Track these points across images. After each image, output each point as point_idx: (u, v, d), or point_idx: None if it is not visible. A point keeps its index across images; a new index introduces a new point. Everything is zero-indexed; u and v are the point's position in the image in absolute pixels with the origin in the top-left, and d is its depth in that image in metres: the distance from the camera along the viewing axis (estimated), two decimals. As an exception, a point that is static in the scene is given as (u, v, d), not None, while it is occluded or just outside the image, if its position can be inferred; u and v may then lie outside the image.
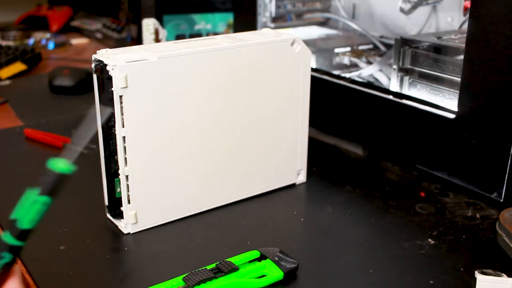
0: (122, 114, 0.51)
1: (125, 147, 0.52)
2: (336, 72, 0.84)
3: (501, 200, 0.60)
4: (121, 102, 0.51)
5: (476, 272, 0.49)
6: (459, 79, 0.63)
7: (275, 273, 0.48)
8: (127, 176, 0.53)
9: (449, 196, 0.65)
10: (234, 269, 0.47)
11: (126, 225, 0.56)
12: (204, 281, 0.46)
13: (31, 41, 1.48)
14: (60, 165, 0.35)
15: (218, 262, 0.48)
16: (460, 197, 0.65)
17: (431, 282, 0.49)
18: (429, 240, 0.56)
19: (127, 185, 0.54)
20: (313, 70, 0.85)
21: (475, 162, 0.62)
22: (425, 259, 0.53)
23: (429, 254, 0.54)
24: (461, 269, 0.51)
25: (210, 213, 0.62)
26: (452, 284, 0.49)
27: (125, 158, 0.53)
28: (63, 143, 0.78)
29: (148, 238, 0.56)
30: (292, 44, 0.61)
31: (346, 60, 0.89)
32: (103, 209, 0.59)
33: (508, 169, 0.59)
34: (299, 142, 0.65)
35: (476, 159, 0.62)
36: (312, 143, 0.82)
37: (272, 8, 0.98)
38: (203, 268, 0.47)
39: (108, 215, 0.58)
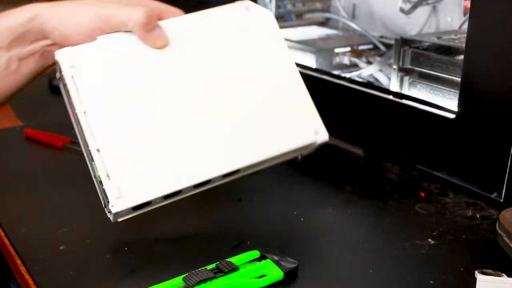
0: (77, 91, 0.51)
1: (89, 124, 0.51)
2: (336, 72, 0.84)
3: (501, 200, 0.60)
4: (74, 83, 0.51)
5: (476, 272, 0.49)
6: (459, 79, 0.63)
7: (275, 273, 0.48)
8: (98, 151, 0.50)
9: (449, 196, 0.65)
10: (234, 269, 0.47)
11: (112, 204, 0.50)
12: (204, 281, 0.46)
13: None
14: None
15: (218, 262, 0.48)
16: (460, 197, 0.65)
17: (431, 282, 0.49)
18: (429, 240, 0.56)
19: (102, 161, 0.50)
20: (313, 70, 0.85)
21: (475, 162, 0.62)
22: (425, 259, 0.53)
23: (429, 254, 0.54)
24: (461, 269, 0.51)
25: (209, 212, 0.62)
26: (452, 284, 0.49)
27: (93, 135, 0.51)
28: (63, 143, 0.78)
29: (148, 238, 0.56)
30: (247, 9, 0.58)
31: (346, 60, 0.89)
32: (102, 209, 0.59)
33: (508, 169, 0.58)
34: (296, 98, 0.60)
35: (476, 159, 0.62)
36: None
37: (272, 8, 0.98)
38: (203, 268, 0.47)
39: (106, 212, 0.55)
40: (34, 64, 0.56)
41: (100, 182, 0.51)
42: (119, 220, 0.52)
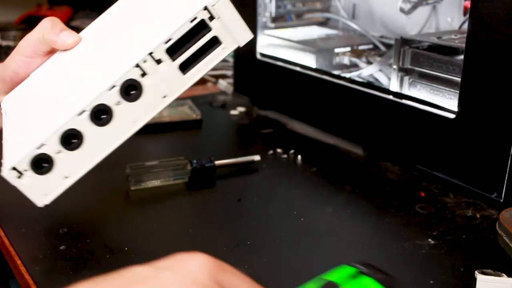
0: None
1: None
2: (336, 72, 0.84)
3: (501, 200, 0.60)
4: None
5: (476, 272, 0.49)
6: (459, 79, 0.63)
7: None
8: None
9: (449, 196, 0.65)
10: None
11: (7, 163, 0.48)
12: None
13: (31, 41, 1.48)
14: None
15: (319, 282, 0.42)
16: (460, 197, 0.65)
17: (431, 282, 0.49)
18: (429, 240, 0.56)
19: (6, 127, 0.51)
20: (313, 70, 0.85)
21: (475, 162, 0.62)
22: (425, 259, 0.53)
23: (429, 254, 0.54)
24: (461, 269, 0.51)
25: (209, 212, 0.62)
26: (452, 284, 0.49)
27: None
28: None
29: (148, 237, 0.56)
30: None
31: (346, 60, 0.89)
32: (103, 209, 0.59)
33: (508, 169, 0.59)
34: None
35: (476, 159, 0.62)
36: (312, 143, 0.82)
37: (272, 8, 0.98)
38: None
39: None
40: None
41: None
42: (44, 201, 0.50)
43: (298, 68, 0.86)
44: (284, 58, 0.89)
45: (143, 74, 0.45)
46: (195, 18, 0.45)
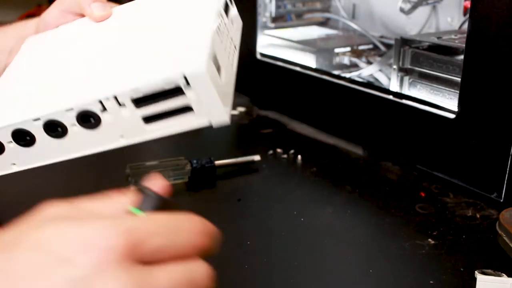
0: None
1: None
2: (336, 72, 0.84)
3: (501, 200, 0.60)
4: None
5: (476, 272, 0.49)
6: (459, 79, 0.63)
7: None
8: None
9: (449, 196, 0.65)
10: None
11: None
12: None
13: (31, 41, 1.48)
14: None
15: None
16: (460, 197, 0.65)
17: (431, 282, 0.49)
18: (429, 240, 0.56)
19: None
20: (313, 70, 0.85)
21: (475, 162, 0.62)
22: (425, 259, 0.53)
23: (429, 254, 0.54)
24: (461, 269, 0.51)
25: (209, 211, 0.61)
26: (452, 284, 0.49)
27: None
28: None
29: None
30: None
31: (346, 60, 0.89)
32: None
33: (508, 169, 0.59)
34: (191, 36, 0.46)
35: (476, 159, 0.62)
36: (312, 143, 0.82)
37: (272, 8, 0.98)
38: None
39: None
40: None
41: None
42: None
43: (298, 68, 0.86)
44: (284, 58, 0.89)
45: (104, 110, 0.44)
46: (171, 81, 0.41)
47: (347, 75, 0.83)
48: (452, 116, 0.64)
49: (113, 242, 0.27)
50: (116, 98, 0.43)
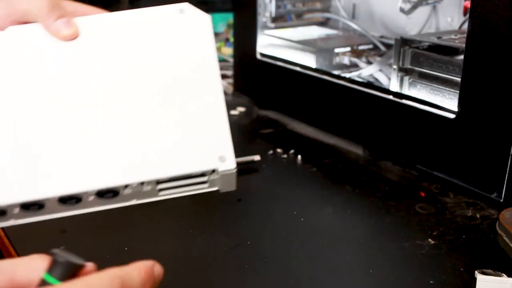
0: None
1: None
2: (336, 72, 0.84)
3: (501, 200, 0.60)
4: None
5: (476, 272, 0.49)
6: (459, 79, 0.63)
7: None
8: None
9: (449, 196, 0.65)
10: None
11: None
12: None
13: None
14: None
15: None
16: (460, 197, 0.65)
17: (431, 282, 0.49)
18: (429, 240, 0.56)
19: None
20: (313, 70, 0.85)
21: (475, 162, 0.62)
22: (425, 259, 0.53)
23: (429, 254, 0.54)
24: (461, 269, 0.51)
25: (209, 212, 0.62)
26: (452, 284, 0.49)
27: None
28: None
29: (147, 237, 0.56)
30: (181, 11, 0.51)
31: (346, 60, 0.89)
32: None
33: (508, 169, 0.59)
34: (210, 119, 0.50)
35: (476, 159, 0.62)
36: (312, 143, 0.82)
37: (272, 8, 0.98)
38: None
39: None
40: None
41: None
42: None
43: (298, 68, 0.86)
44: (284, 58, 0.89)
45: (126, 187, 0.45)
46: (200, 172, 0.46)
47: (347, 75, 0.83)
48: (452, 116, 0.64)
49: None
50: (142, 182, 0.45)
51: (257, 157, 0.73)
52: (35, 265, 0.33)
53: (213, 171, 0.46)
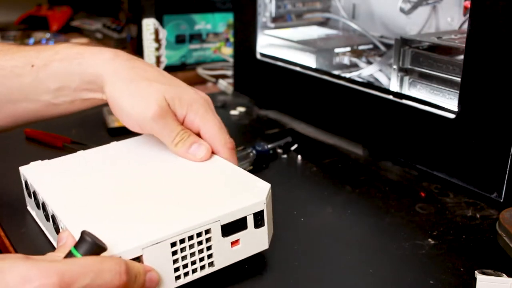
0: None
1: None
2: (336, 72, 0.84)
3: (501, 200, 0.60)
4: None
5: (476, 272, 0.49)
6: (459, 79, 0.63)
7: None
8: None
9: (449, 196, 0.65)
10: None
11: None
12: None
13: (31, 41, 1.48)
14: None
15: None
16: (460, 197, 0.65)
17: (431, 282, 0.49)
18: (429, 240, 0.56)
19: None
20: (313, 70, 0.85)
21: (475, 162, 0.62)
22: (425, 259, 0.53)
23: (429, 254, 0.54)
24: (461, 269, 0.51)
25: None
26: (452, 284, 0.49)
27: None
28: (63, 143, 0.78)
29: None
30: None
31: (346, 60, 0.89)
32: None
33: (508, 169, 0.59)
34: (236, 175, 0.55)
35: (476, 159, 0.62)
36: (312, 143, 0.82)
37: (272, 8, 0.98)
38: None
39: None
40: (91, 103, 0.61)
41: None
42: None
43: (298, 68, 0.86)
44: (284, 58, 0.89)
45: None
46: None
47: (347, 75, 0.83)
48: (452, 116, 0.64)
49: (47, 280, 0.35)
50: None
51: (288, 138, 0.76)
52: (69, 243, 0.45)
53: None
